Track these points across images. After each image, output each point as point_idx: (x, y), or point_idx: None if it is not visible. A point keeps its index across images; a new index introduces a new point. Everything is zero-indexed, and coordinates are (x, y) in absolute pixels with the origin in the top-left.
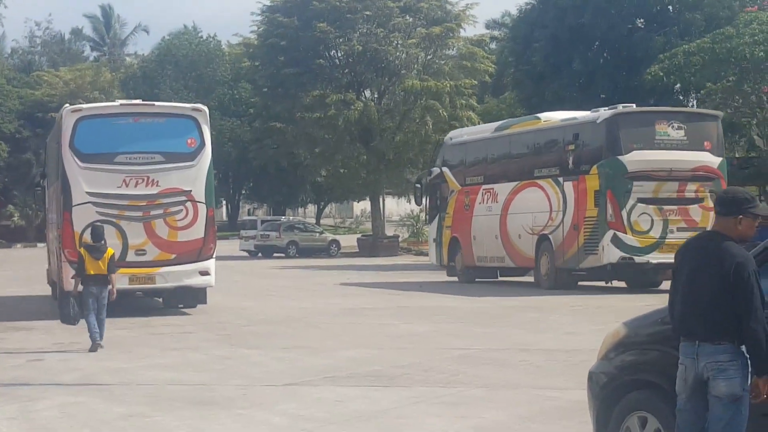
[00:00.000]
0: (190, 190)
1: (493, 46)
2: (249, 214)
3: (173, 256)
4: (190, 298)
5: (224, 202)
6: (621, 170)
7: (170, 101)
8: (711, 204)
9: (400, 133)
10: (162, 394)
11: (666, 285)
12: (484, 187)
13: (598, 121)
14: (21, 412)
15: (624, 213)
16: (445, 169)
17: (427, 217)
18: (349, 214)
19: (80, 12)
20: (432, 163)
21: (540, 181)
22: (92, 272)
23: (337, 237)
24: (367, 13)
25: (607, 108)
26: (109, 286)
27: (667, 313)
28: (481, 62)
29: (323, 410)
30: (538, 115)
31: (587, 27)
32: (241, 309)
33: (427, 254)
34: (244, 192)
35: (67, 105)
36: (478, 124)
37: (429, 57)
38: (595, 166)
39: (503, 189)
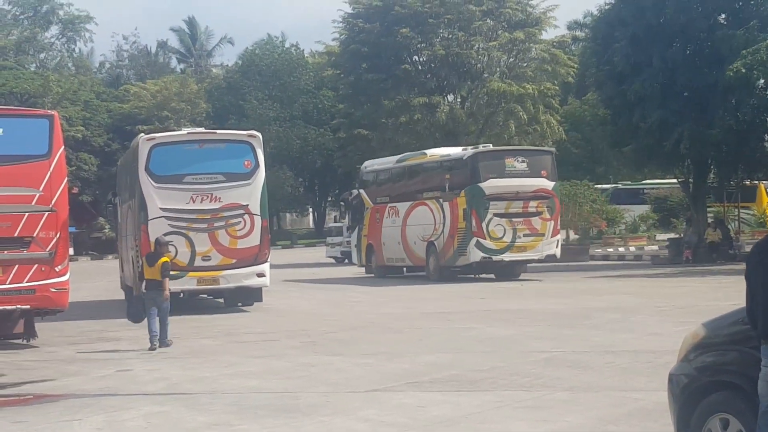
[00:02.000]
0: (247, 205)
1: (575, 47)
2: (335, 221)
3: (234, 260)
4: (248, 297)
5: (311, 209)
6: (481, 194)
7: (255, 111)
8: (548, 216)
9: (484, 137)
10: (246, 403)
11: (524, 276)
12: (389, 205)
13: (464, 158)
14: (107, 422)
15: (484, 224)
16: (362, 191)
17: (350, 228)
18: None
19: (166, 26)
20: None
21: (428, 201)
22: (148, 277)
23: None
24: (449, 17)
25: (472, 147)
26: (161, 292)
27: (746, 314)
28: (564, 65)
29: (405, 416)
30: (425, 151)
31: (668, 24)
32: (325, 316)
33: None
34: (330, 199)
35: (143, 134)
36: (558, 128)
37: (512, 60)
38: (463, 191)
39: (402, 207)
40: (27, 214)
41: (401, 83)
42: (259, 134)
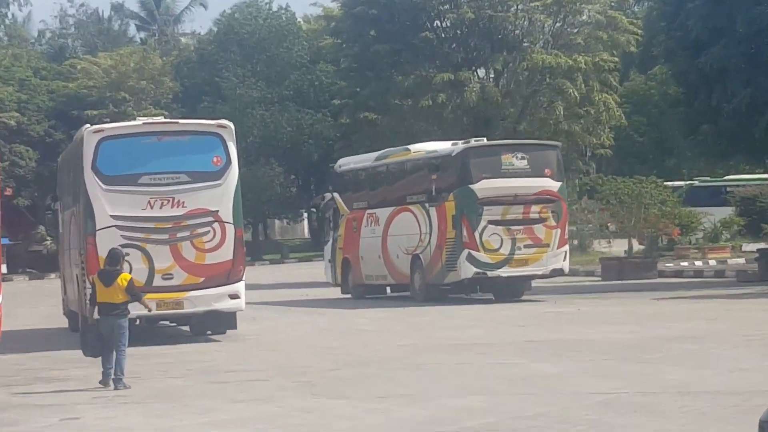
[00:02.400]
0: (217, 210)
1: (638, 8)
2: None
3: (201, 279)
4: (219, 323)
5: (305, 214)
6: (473, 197)
7: (235, 92)
8: (553, 223)
9: (524, 122)
10: None
11: (527, 296)
12: (368, 211)
13: (453, 154)
14: None
15: (477, 234)
16: (336, 195)
17: (325, 238)
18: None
19: None
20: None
21: (412, 207)
22: (103, 300)
23: None
24: None
25: (462, 141)
26: (121, 318)
27: None
28: (624, 31)
29: None
30: (408, 147)
31: None
32: (327, 348)
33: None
34: None
35: (88, 125)
36: (617, 111)
37: (558, 24)
38: (452, 194)
39: (383, 213)
40: None
41: (420, 55)
42: (230, 124)
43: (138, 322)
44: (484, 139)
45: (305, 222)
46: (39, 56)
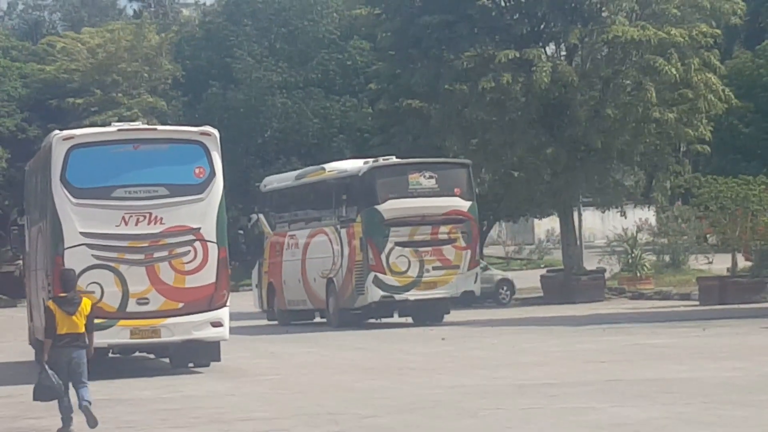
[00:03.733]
0: (199, 228)
1: None
2: None
3: (180, 305)
4: (201, 355)
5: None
6: (379, 218)
7: (250, 75)
8: (463, 243)
9: (610, 108)
10: None
11: (448, 318)
12: (289, 233)
13: (359, 174)
14: None
15: (383, 256)
16: (261, 216)
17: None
18: (527, 238)
19: None
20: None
21: (326, 229)
22: (65, 330)
23: (510, 274)
24: None
25: (373, 160)
26: (83, 350)
27: None
28: (725, 1)
29: None
30: (324, 165)
31: None
32: (362, 391)
33: (650, 298)
34: None
35: (57, 131)
36: (722, 90)
37: None
38: (359, 215)
39: (302, 235)
40: None
41: (476, 29)
42: (215, 131)
43: (111, 353)
44: (393, 157)
45: None
46: (8, 33)
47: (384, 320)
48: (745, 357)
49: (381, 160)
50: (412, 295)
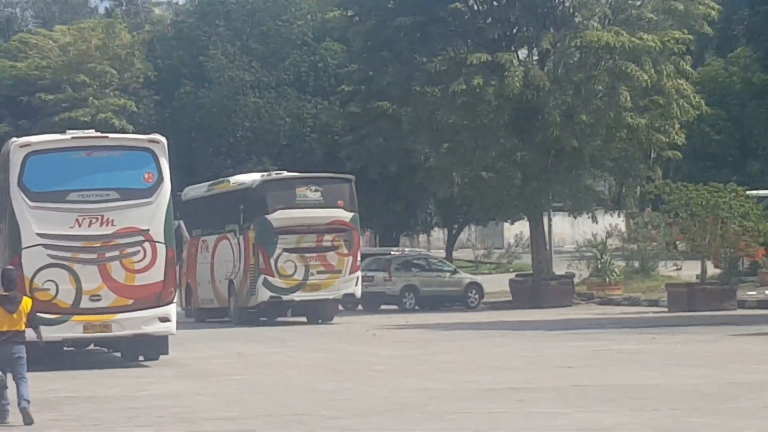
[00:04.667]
0: (148, 230)
1: None
2: None
3: (130, 301)
4: (150, 348)
5: None
6: (268, 226)
7: (223, 74)
8: (345, 250)
9: (584, 113)
10: None
11: (338, 319)
12: (201, 238)
13: (253, 187)
14: None
15: (272, 261)
16: (181, 222)
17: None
18: (497, 242)
19: None
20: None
21: (228, 235)
22: (5, 328)
23: (479, 278)
24: None
25: (266, 173)
26: (23, 346)
27: None
28: (700, 2)
29: None
30: (229, 178)
31: None
32: (328, 392)
33: (619, 303)
34: None
35: (15, 139)
36: (693, 96)
37: None
38: (252, 224)
39: (211, 241)
40: None
41: (448, 32)
42: (163, 139)
43: (65, 345)
44: (284, 172)
45: None
46: None
47: (280, 319)
48: (712, 364)
49: (273, 174)
50: (298, 296)
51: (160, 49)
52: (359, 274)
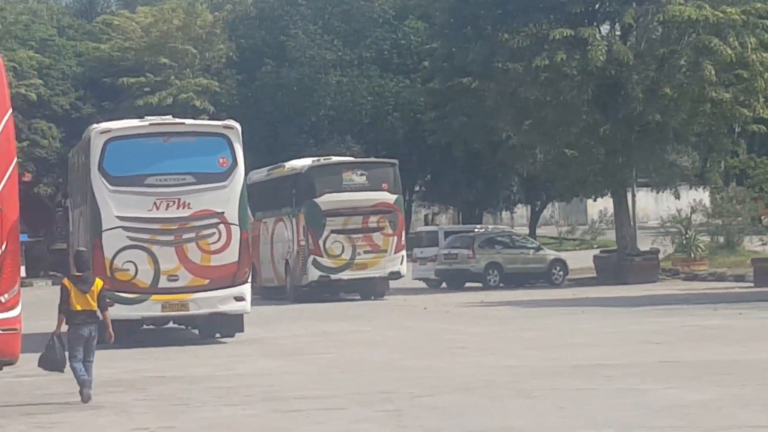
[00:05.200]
0: (223, 212)
1: None
2: (426, 223)
3: (206, 281)
4: (226, 326)
5: None
6: (317, 209)
7: (304, 53)
8: (390, 231)
9: (668, 87)
10: None
11: (390, 296)
12: (262, 221)
13: (302, 172)
14: None
15: (321, 242)
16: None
17: None
18: (580, 218)
19: None
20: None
21: (284, 217)
22: (79, 308)
23: (563, 255)
24: None
25: (314, 160)
26: (96, 325)
27: None
28: None
29: None
30: (284, 163)
31: None
32: (415, 370)
33: (704, 279)
34: (417, 189)
35: (95, 125)
36: None
37: None
38: (302, 206)
39: (270, 223)
40: None
41: (530, 7)
42: (237, 125)
43: (145, 324)
44: (333, 158)
45: None
46: (64, 11)
47: (337, 296)
48: None
49: (322, 160)
50: (346, 275)
51: (242, 29)
52: (404, 253)
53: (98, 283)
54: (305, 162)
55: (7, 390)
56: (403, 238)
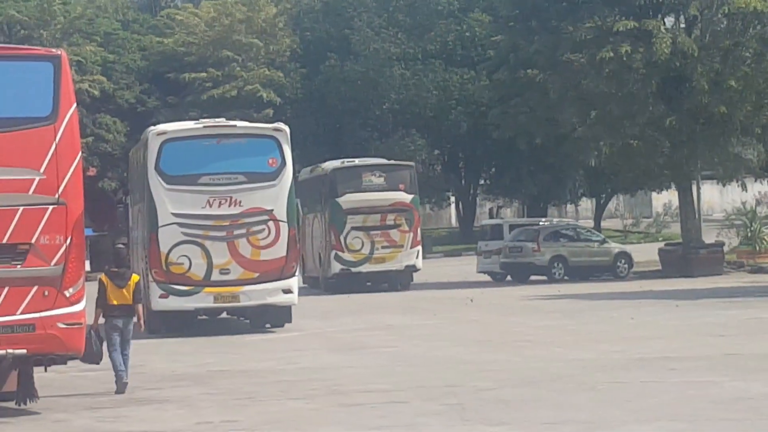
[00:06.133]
0: (272, 210)
1: None
2: (491, 217)
3: (256, 274)
4: (275, 317)
5: (452, 198)
6: (339, 208)
7: (368, 47)
8: (406, 228)
9: (733, 79)
10: None
11: (414, 288)
12: (306, 216)
13: (326, 174)
14: None
15: (342, 238)
16: (297, 200)
17: None
18: (645, 211)
19: None
20: None
21: (318, 214)
22: (116, 302)
23: (628, 248)
24: None
25: (343, 161)
26: (135, 319)
27: None
28: None
29: None
30: (322, 164)
31: None
32: (479, 364)
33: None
34: (482, 182)
35: (152, 127)
36: None
37: None
38: (327, 205)
39: (311, 218)
40: (21, 208)
41: (595, 0)
42: (286, 127)
43: (199, 315)
44: (356, 160)
45: (452, 208)
46: (128, 5)
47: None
48: None
49: (346, 163)
50: (365, 268)
51: (306, 22)
52: (419, 248)
53: (134, 278)
54: (334, 164)
55: (70, 385)
56: (419, 234)
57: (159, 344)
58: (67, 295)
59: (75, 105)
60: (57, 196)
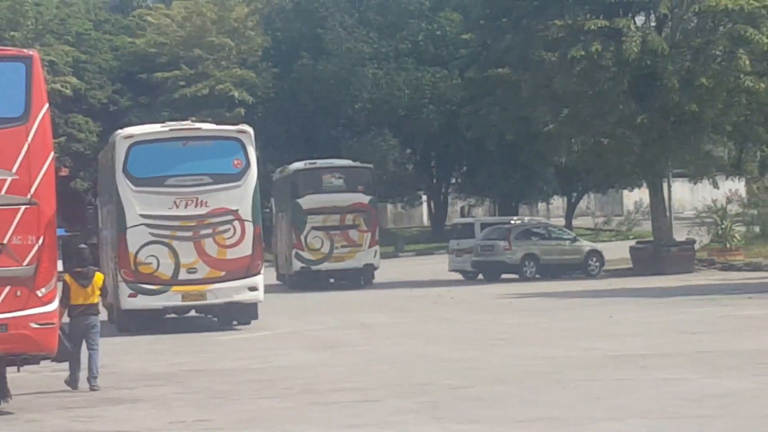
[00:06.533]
0: (237, 210)
1: None
2: (463, 215)
3: (223, 273)
4: (242, 314)
5: (424, 197)
6: (299, 209)
7: (341, 46)
8: (365, 228)
9: (703, 77)
10: None
11: (386, 286)
12: (277, 214)
13: (288, 175)
14: None
15: (303, 237)
16: (272, 198)
17: None
18: (616, 209)
19: None
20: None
21: (284, 214)
22: (80, 301)
23: (599, 246)
24: None
25: (306, 162)
26: (97, 317)
27: None
28: None
29: None
30: (288, 165)
31: None
32: (453, 362)
33: (740, 269)
34: (454, 181)
35: (120, 131)
36: None
37: None
38: (289, 205)
39: (280, 217)
40: None
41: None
42: (250, 129)
43: (167, 313)
44: (318, 161)
45: (424, 207)
46: (100, 5)
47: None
48: None
49: (307, 164)
50: (325, 266)
51: (278, 22)
52: (377, 247)
53: (98, 276)
54: (298, 165)
55: (44, 384)
56: (377, 234)
57: (132, 344)
58: (40, 295)
59: (47, 105)
60: (29, 196)
